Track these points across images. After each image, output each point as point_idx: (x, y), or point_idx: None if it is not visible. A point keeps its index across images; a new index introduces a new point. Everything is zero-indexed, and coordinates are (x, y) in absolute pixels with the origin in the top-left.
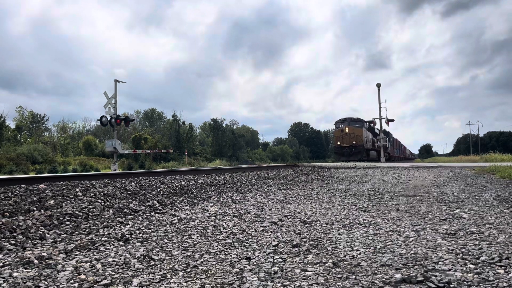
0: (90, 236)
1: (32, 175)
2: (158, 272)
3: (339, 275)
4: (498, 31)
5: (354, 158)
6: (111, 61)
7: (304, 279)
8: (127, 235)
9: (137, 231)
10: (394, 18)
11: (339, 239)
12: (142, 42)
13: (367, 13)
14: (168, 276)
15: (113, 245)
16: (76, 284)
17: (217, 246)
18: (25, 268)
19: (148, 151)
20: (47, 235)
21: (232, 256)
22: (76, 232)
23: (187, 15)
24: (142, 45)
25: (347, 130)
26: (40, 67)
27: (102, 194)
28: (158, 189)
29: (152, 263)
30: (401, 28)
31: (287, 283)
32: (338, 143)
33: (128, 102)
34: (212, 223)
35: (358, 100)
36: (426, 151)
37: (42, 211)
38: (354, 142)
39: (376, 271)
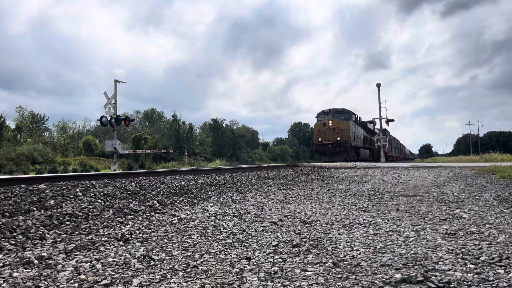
0: (90, 236)
1: (32, 175)
2: (158, 272)
3: (339, 275)
4: (498, 31)
5: (339, 157)
6: (111, 61)
7: (304, 279)
8: (127, 235)
9: (137, 231)
10: (393, 18)
11: (339, 239)
12: (141, 42)
13: (366, 13)
14: (168, 276)
15: (113, 245)
16: (76, 284)
17: (217, 246)
18: (25, 268)
19: (148, 151)
20: (47, 235)
21: (232, 256)
22: (76, 232)
23: (187, 15)
24: (141, 45)
25: (330, 124)
26: (40, 67)
27: (102, 194)
28: (158, 189)
29: (152, 263)
30: (401, 28)
31: (287, 283)
32: (319, 139)
33: (128, 102)
34: (212, 223)
35: (358, 100)
36: (426, 151)
37: (42, 211)
38: (338, 138)
39: (376, 271)
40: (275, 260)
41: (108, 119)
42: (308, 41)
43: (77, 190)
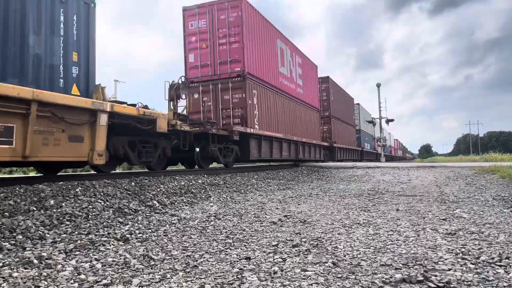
0: (90, 236)
1: (32, 175)
2: (158, 272)
3: (339, 275)
4: (489, 29)
5: None
6: (98, 60)
7: (304, 279)
8: (127, 235)
9: (137, 231)
10: (382, 16)
11: (339, 239)
12: (130, 39)
13: (355, 11)
14: (168, 276)
15: (113, 245)
16: (76, 284)
17: (217, 246)
18: (25, 268)
19: None
20: (47, 235)
21: (232, 256)
22: (76, 232)
23: (175, 12)
24: (129, 43)
25: None
26: None
27: (102, 194)
28: (158, 189)
29: (152, 263)
30: (391, 26)
31: (287, 283)
32: None
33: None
34: (212, 223)
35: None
36: (426, 151)
37: (42, 211)
38: None
39: (376, 271)
40: (275, 260)
41: None
42: (300, 39)
43: (77, 190)
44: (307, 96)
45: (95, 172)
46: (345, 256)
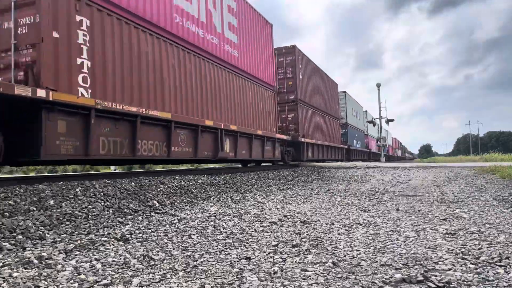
0: (90, 236)
1: (32, 175)
2: (158, 272)
3: (339, 275)
4: (489, 29)
5: None
6: None
7: (304, 279)
8: (127, 235)
9: (137, 231)
10: (382, 16)
11: (339, 239)
12: None
13: (356, 11)
14: (168, 276)
15: (113, 245)
16: (76, 284)
17: (217, 246)
18: (25, 268)
19: None
20: (47, 235)
21: (232, 256)
22: (76, 232)
23: None
24: None
25: None
26: None
27: (102, 194)
28: (158, 189)
29: (152, 263)
30: (391, 26)
31: (287, 283)
32: None
33: None
34: (212, 223)
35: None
36: (426, 151)
37: (42, 211)
38: None
39: (376, 271)
40: (275, 260)
41: None
42: (300, 40)
43: (77, 190)
44: (249, 63)
45: (95, 173)
46: (345, 256)
